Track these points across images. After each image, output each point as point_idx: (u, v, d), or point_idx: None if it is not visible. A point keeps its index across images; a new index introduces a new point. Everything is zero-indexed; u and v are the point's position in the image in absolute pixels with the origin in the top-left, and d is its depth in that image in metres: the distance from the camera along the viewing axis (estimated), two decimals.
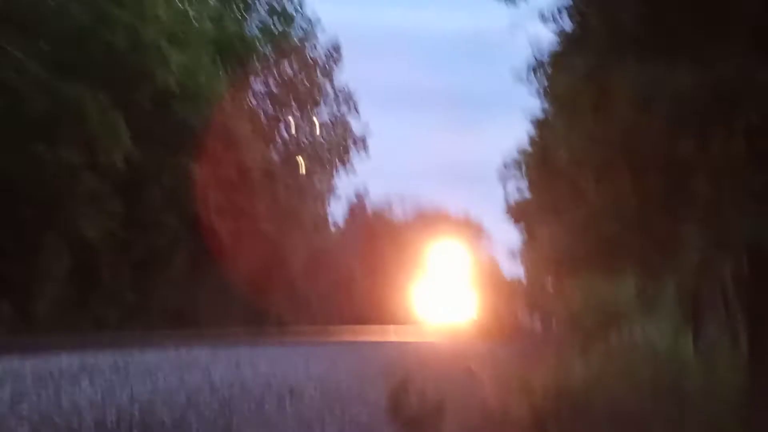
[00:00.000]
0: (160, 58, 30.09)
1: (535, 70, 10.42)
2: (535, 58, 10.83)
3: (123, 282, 31.61)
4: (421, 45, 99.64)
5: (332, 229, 63.55)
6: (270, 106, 50.17)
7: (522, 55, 11.37)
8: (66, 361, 14.22)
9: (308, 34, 50.01)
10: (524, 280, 69.45)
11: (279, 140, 51.33)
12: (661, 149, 7.33)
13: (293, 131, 52.94)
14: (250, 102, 47.24)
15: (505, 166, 23.80)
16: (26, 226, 27.39)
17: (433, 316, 53.62)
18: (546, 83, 12.87)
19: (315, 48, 51.01)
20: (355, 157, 56.65)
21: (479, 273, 63.09)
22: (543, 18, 10.18)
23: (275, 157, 48.64)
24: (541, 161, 18.26)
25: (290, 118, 52.06)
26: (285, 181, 47.88)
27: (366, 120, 56.25)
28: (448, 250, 59.66)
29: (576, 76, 9.10)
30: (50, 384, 11.73)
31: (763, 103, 6.51)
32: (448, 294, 56.00)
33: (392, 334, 40.40)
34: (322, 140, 54.69)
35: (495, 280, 66.50)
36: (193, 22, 34.26)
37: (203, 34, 34.86)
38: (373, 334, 36.57)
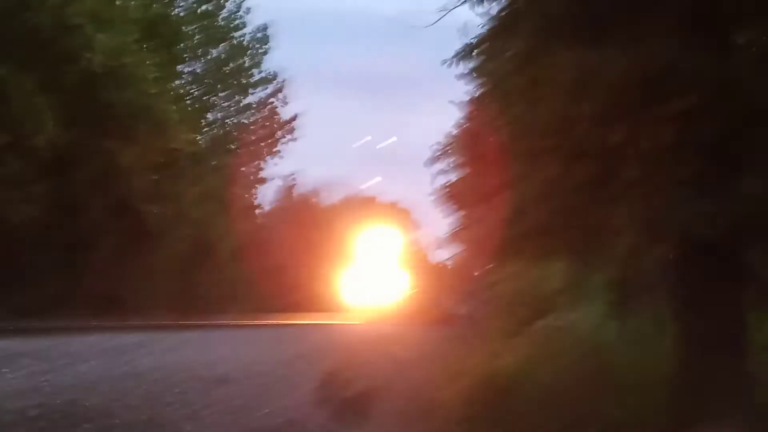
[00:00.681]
0: (85, 39, 29.56)
1: (466, 54, 10.36)
2: (467, 42, 10.78)
3: (47, 268, 31.09)
4: (352, 28, 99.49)
5: (261, 214, 63.31)
6: (197, 89, 49.74)
7: (454, 38, 11.32)
8: None
9: (236, 17, 49.63)
10: (453, 266, 69.89)
11: (206, 124, 50.95)
12: (592, 135, 7.32)
13: (221, 115, 52.59)
14: (178, 85, 46.77)
15: (435, 150, 23.75)
16: None
17: (361, 302, 53.58)
18: (477, 67, 12.85)
19: (243, 30, 50.62)
20: (284, 142, 56.46)
21: (408, 258, 63.25)
22: (474, 1, 10.13)
23: (203, 141, 48.26)
24: (472, 145, 18.29)
25: (218, 101, 51.69)
26: (213, 165, 47.54)
27: (295, 104, 56.14)
28: (377, 235, 59.66)
29: (507, 60, 9.08)
30: None
31: (691, 89, 6.54)
32: (376, 279, 56.00)
33: (321, 319, 40.31)
34: (250, 124, 54.37)
35: (424, 266, 66.76)
36: (119, 2, 33.70)
37: (129, 15, 34.28)
38: (301, 319, 36.46)
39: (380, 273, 55.26)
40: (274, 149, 56.36)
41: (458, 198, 23.70)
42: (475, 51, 10.51)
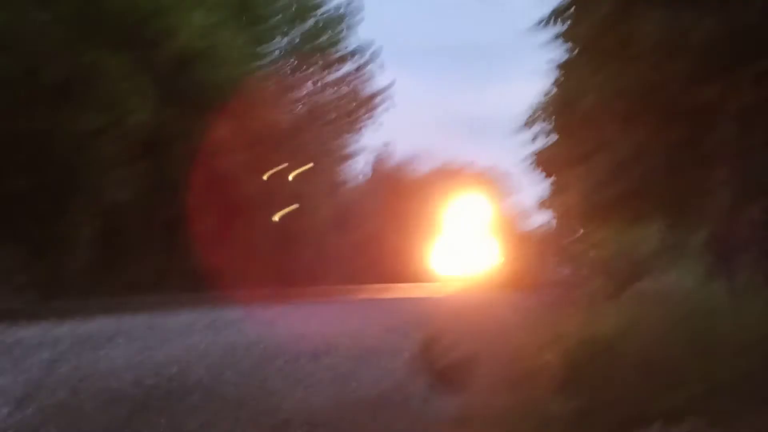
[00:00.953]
0: (181, 17, 30.00)
1: (552, 20, 10.33)
2: (553, 7, 10.75)
3: (152, 244, 31.76)
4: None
5: (353, 187, 63.63)
6: (292, 62, 50.08)
7: (537, 5, 11.28)
8: (101, 323, 14.36)
9: None
10: (550, 230, 69.43)
11: (297, 99, 51.29)
12: (686, 94, 7.28)
13: (310, 90, 52.88)
14: (268, 62, 47.15)
15: (525, 117, 23.61)
16: (53, 192, 27.54)
17: (458, 270, 53.57)
18: (564, 32, 12.79)
19: (329, 5, 50.77)
20: (374, 114, 56.57)
21: (504, 224, 63.02)
22: None
23: (294, 116, 48.63)
24: (566, 108, 18.15)
25: (307, 76, 51.98)
26: (305, 139, 47.89)
27: (383, 76, 56.20)
28: (471, 203, 59.55)
29: (595, 23, 9.04)
30: (87, 346, 11.86)
31: None
32: (472, 246, 55.92)
33: (420, 288, 40.46)
34: (340, 98, 54.59)
35: (517, 233, 66.46)
36: None
37: None
38: (401, 289, 36.67)
39: (472, 241, 55.19)
40: (365, 122, 56.55)
41: (549, 164, 23.57)
42: (562, 16, 10.48)
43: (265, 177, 37.39)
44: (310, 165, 45.99)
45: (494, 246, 56.47)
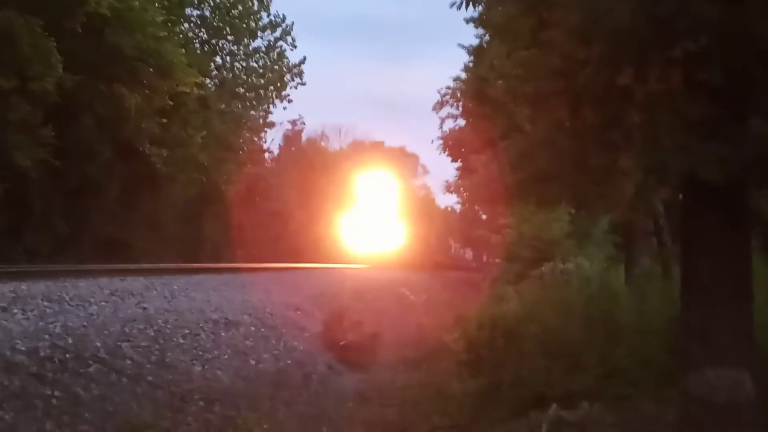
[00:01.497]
0: None
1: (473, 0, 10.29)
2: None
3: (56, 212, 31.16)
4: None
5: (268, 158, 63.42)
6: (204, 33, 49.64)
7: None
8: None
9: None
10: (459, 211, 70.07)
11: (214, 69, 50.88)
12: (599, 78, 7.32)
13: (229, 59, 52.51)
14: (186, 29, 46.65)
15: (441, 95, 23.68)
16: None
17: (365, 246, 53.77)
18: (483, 11, 12.79)
19: None
20: (291, 87, 56.42)
21: (413, 204, 63.35)
22: None
23: (210, 85, 48.23)
24: (477, 91, 18.26)
25: (225, 45, 51.58)
26: (220, 109, 47.52)
27: (302, 49, 56.27)
28: (381, 181, 59.73)
29: (514, 3, 9.03)
30: None
31: (700, 31, 6.53)
32: (381, 224, 56.14)
33: (327, 263, 40.47)
34: (257, 68, 54.31)
35: (429, 211, 66.92)
36: None
37: None
38: (307, 266, 36.64)
39: (385, 218, 55.41)
40: (282, 93, 56.35)
41: (464, 143, 23.73)
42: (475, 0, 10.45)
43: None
44: (225, 134, 45.69)
45: (402, 226, 56.75)
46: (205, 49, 49.77)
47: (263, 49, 54.15)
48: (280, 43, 54.74)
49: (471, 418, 10.51)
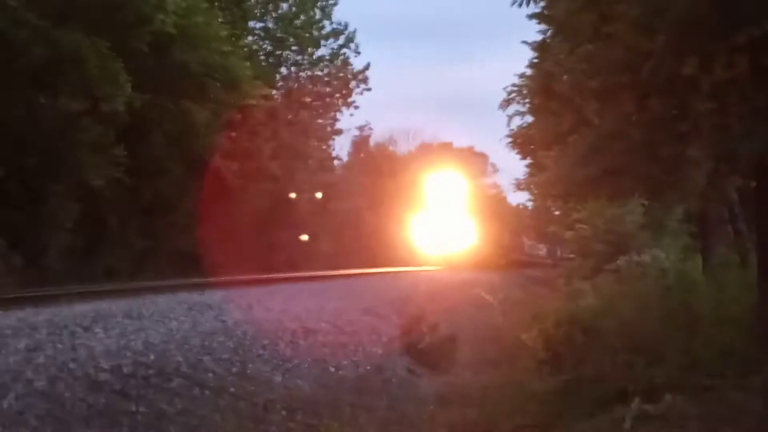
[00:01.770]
0: (157, 1, 29.82)
1: None
2: None
3: (131, 229, 31.70)
4: None
5: (337, 165, 63.67)
6: (268, 44, 50.02)
7: None
8: (79, 310, 14.25)
9: None
10: (531, 209, 69.71)
11: (279, 80, 51.25)
12: (663, 71, 7.27)
13: (294, 69, 52.85)
14: (250, 41, 47.06)
15: (508, 93, 23.51)
16: (32, 177, 27.43)
17: (438, 248, 53.69)
18: (546, 7, 12.76)
19: None
20: (357, 93, 56.62)
21: (484, 203, 63.13)
22: None
23: (277, 96, 48.57)
24: (544, 87, 18.13)
25: (289, 56, 51.92)
26: (288, 119, 47.86)
27: (366, 54, 56.46)
28: (451, 181, 59.61)
29: (575, 0, 9.02)
30: (65, 334, 11.77)
31: (763, 18, 6.45)
32: (453, 225, 56.02)
33: (400, 267, 40.52)
34: (322, 77, 54.60)
35: (501, 210, 66.63)
36: None
37: None
38: (381, 268, 36.71)
39: (457, 219, 55.27)
40: (348, 100, 56.61)
41: (527, 144, 23.58)
42: None
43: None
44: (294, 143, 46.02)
45: (474, 226, 56.58)
46: (270, 60, 50.16)
47: (327, 57, 54.44)
48: (344, 50, 55.00)
49: (553, 416, 10.45)
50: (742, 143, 6.84)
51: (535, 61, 20.43)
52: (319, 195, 50.08)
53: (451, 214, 56.13)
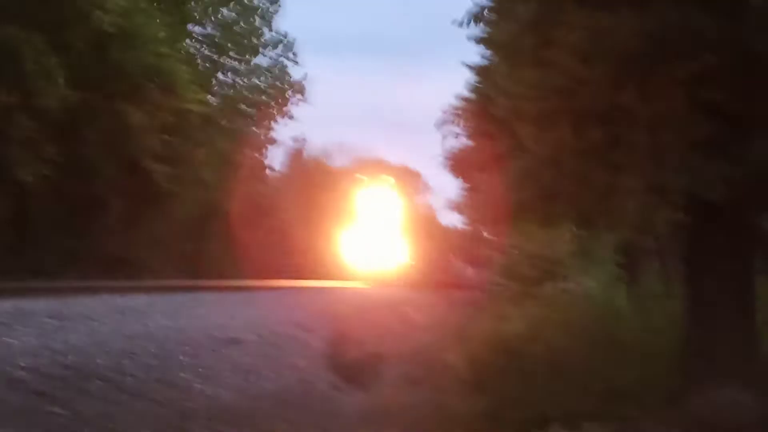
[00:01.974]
0: None
1: (476, 18, 10.34)
2: (478, 5, 10.75)
3: (59, 228, 31.20)
4: None
5: (271, 176, 63.37)
6: (208, 50, 49.71)
7: (462, 3, 11.30)
8: (0, 306, 14.01)
9: None
10: (462, 230, 69.95)
11: (217, 86, 50.95)
12: (601, 99, 7.33)
13: (231, 76, 52.56)
14: (188, 45, 46.74)
15: (445, 113, 23.64)
16: None
17: (368, 265, 53.62)
18: (487, 30, 12.83)
19: None
20: (294, 104, 56.46)
21: (416, 222, 63.25)
22: None
23: (214, 102, 48.25)
24: (481, 109, 18.26)
25: (228, 62, 51.63)
26: (223, 126, 47.52)
27: (305, 67, 56.28)
28: (384, 198, 59.62)
29: (519, 22, 9.06)
30: None
31: (703, 51, 6.54)
32: (383, 242, 56.00)
33: (329, 284, 40.40)
34: (261, 86, 54.38)
35: (432, 230, 66.78)
36: None
37: None
38: (310, 282, 36.58)
39: (388, 236, 55.27)
40: (285, 111, 56.41)
41: (467, 162, 23.68)
42: (483, 16, 10.50)
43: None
44: (228, 151, 45.70)
45: (405, 244, 56.57)
46: (208, 65, 49.84)
47: (266, 66, 54.23)
48: (283, 60, 54.82)
49: None
50: (675, 176, 6.91)
51: (475, 84, 20.59)
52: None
53: (382, 230, 56.06)
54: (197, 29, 48.25)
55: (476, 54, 18.77)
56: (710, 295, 7.61)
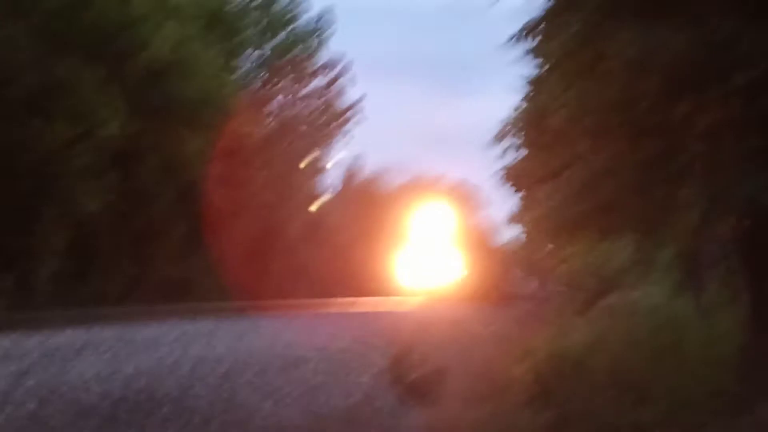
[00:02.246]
0: (153, 29, 29.98)
1: (525, 34, 10.39)
2: (526, 22, 10.80)
3: (122, 255, 31.64)
4: (408, 12, 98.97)
5: (325, 199, 63.63)
6: (263, 74, 50.11)
7: (510, 19, 11.34)
8: (70, 335, 14.27)
9: (299, 3, 49.94)
10: (518, 245, 69.67)
11: (270, 112, 51.32)
12: (657, 111, 7.36)
13: (284, 102, 52.92)
14: (241, 74, 47.17)
15: (496, 131, 23.65)
16: (25, 201, 27.42)
17: (427, 283, 53.53)
18: (537, 47, 12.87)
19: (302, 18, 50.90)
20: (347, 127, 56.73)
21: (474, 237, 63.08)
22: None
23: (267, 128, 48.62)
24: (536, 123, 18.28)
25: (285, 85, 52.00)
26: (281, 149, 47.86)
27: (355, 90, 56.51)
28: (441, 216, 59.53)
29: (569, 38, 9.10)
30: (56, 358, 11.80)
31: (752, 64, 6.53)
32: (443, 258, 55.91)
33: (389, 301, 40.45)
34: (313, 110, 54.71)
35: (488, 246, 66.58)
36: None
37: (194, 4, 34.72)
38: (370, 302, 36.65)
39: (442, 254, 55.13)
40: (337, 134, 56.72)
41: (519, 179, 23.66)
42: (535, 30, 10.54)
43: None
44: (283, 175, 46.00)
45: (463, 259, 56.39)
46: (266, 89, 50.26)
47: (322, 88, 54.58)
48: (339, 82, 55.16)
49: None
50: (736, 185, 6.91)
51: (530, 96, 20.59)
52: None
53: (442, 247, 55.99)
54: (254, 53, 48.72)
55: (529, 68, 18.80)
56: None
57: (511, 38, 9.93)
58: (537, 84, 19.54)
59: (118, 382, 10.59)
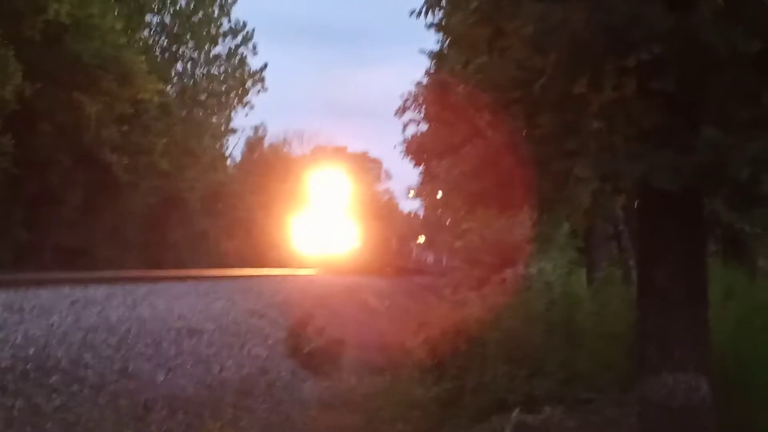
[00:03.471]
0: None
1: (432, 6, 10.37)
2: None
3: (16, 220, 30.97)
4: None
5: (230, 165, 63.21)
6: (165, 40, 49.48)
7: None
8: None
9: None
10: (421, 217, 70.20)
11: (174, 75, 50.74)
12: (554, 88, 7.42)
13: (189, 65, 52.37)
14: (145, 36, 46.50)
15: (402, 101, 23.64)
16: None
17: (326, 254, 53.60)
18: (443, 19, 12.90)
19: None
20: (253, 93, 56.38)
21: (376, 209, 63.35)
22: None
23: (171, 91, 48.06)
24: (439, 96, 18.33)
25: (186, 52, 51.42)
26: (181, 116, 47.34)
27: (263, 55, 56.29)
28: (344, 186, 59.59)
29: (472, 12, 9.11)
30: None
31: (653, 40, 6.62)
32: (343, 230, 56.02)
33: (288, 272, 40.39)
34: (218, 75, 54.24)
35: (392, 216, 66.98)
36: None
37: None
38: (269, 273, 36.55)
39: (342, 225, 55.21)
40: (244, 100, 56.32)
41: (423, 151, 23.73)
42: (438, 4, 10.54)
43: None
44: (187, 141, 45.53)
45: (362, 231, 56.56)
46: (166, 56, 49.64)
47: (224, 55, 54.11)
48: (242, 49, 54.75)
49: (435, 424, 10.58)
50: (627, 164, 7.00)
51: (432, 70, 20.65)
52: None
53: (342, 218, 56.07)
54: (155, 19, 48.04)
55: (432, 42, 18.85)
56: (662, 281, 7.70)
57: (421, 8, 9.89)
58: (439, 58, 19.60)
59: (5, 350, 10.37)
